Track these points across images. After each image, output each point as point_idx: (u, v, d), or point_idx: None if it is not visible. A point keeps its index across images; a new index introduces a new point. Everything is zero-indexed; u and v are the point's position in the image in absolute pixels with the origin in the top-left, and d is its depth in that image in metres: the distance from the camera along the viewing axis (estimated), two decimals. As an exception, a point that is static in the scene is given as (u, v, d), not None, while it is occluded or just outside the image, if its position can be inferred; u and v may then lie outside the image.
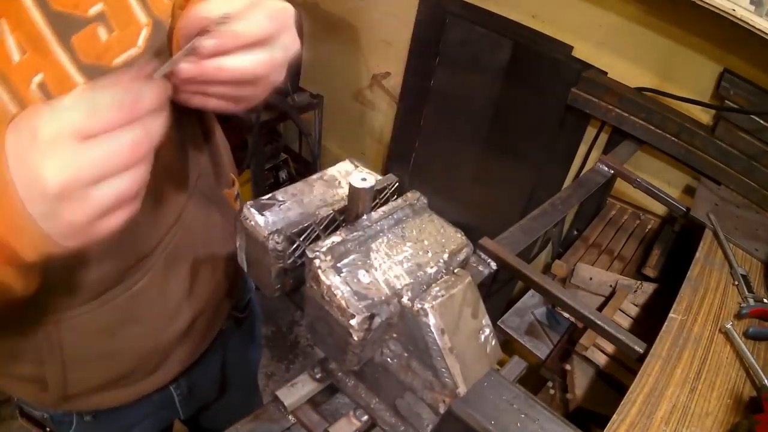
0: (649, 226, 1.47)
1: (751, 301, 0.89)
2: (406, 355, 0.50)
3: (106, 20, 0.46)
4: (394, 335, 0.49)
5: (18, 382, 0.67)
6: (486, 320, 0.51)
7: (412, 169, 2.04)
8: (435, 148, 1.95)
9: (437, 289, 0.46)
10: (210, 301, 0.75)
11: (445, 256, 0.49)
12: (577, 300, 0.88)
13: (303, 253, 0.52)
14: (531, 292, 1.29)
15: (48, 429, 0.77)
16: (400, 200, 0.53)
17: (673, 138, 1.30)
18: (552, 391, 1.08)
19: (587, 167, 1.60)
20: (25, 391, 0.69)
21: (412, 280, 0.46)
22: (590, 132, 1.56)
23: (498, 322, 1.20)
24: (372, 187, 0.49)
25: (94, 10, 0.45)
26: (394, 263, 0.47)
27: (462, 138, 1.84)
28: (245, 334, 0.96)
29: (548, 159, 1.65)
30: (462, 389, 0.48)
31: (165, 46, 0.52)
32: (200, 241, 0.69)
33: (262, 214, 0.50)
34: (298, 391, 0.64)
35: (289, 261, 0.52)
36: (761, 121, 1.17)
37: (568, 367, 1.05)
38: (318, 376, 0.64)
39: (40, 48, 0.42)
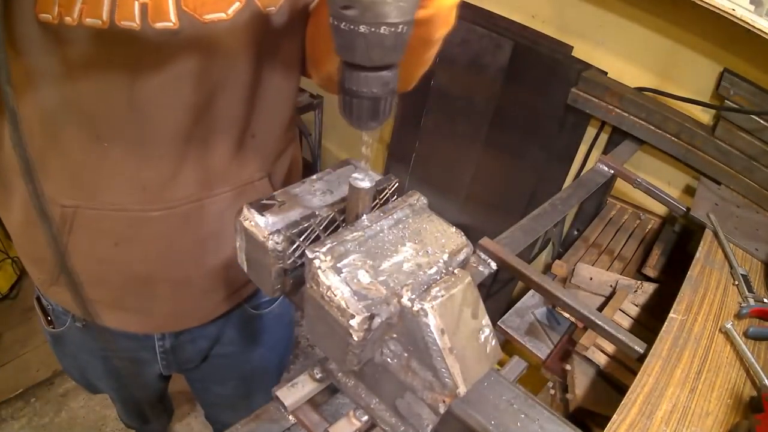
0: (649, 226, 1.47)
1: (751, 301, 0.89)
2: (406, 355, 0.50)
3: None
4: (394, 335, 0.49)
5: (30, 263, 0.77)
6: (486, 320, 0.50)
7: (412, 169, 2.04)
8: (435, 148, 1.95)
9: (437, 289, 0.46)
10: (222, 273, 0.77)
11: (445, 256, 0.49)
12: (577, 300, 0.88)
13: (303, 254, 0.52)
14: (531, 292, 1.29)
15: (50, 318, 0.87)
16: (399, 200, 0.53)
17: (673, 138, 1.30)
18: (552, 391, 1.08)
19: (587, 167, 1.60)
20: (32, 271, 0.78)
21: (412, 281, 0.46)
22: (590, 132, 1.56)
23: (498, 322, 1.20)
24: (372, 187, 0.48)
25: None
26: (394, 264, 0.47)
27: (462, 138, 1.84)
28: (250, 333, 0.97)
29: (548, 159, 1.65)
30: (462, 389, 0.48)
31: (251, 22, 0.58)
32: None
33: (262, 215, 0.50)
34: (298, 391, 0.64)
35: (289, 261, 0.52)
36: (761, 121, 1.17)
37: (568, 367, 1.05)
38: (318, 377, 0.64)
39: None
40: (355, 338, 0.43)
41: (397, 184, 0.59)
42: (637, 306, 1.13)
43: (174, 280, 0.74)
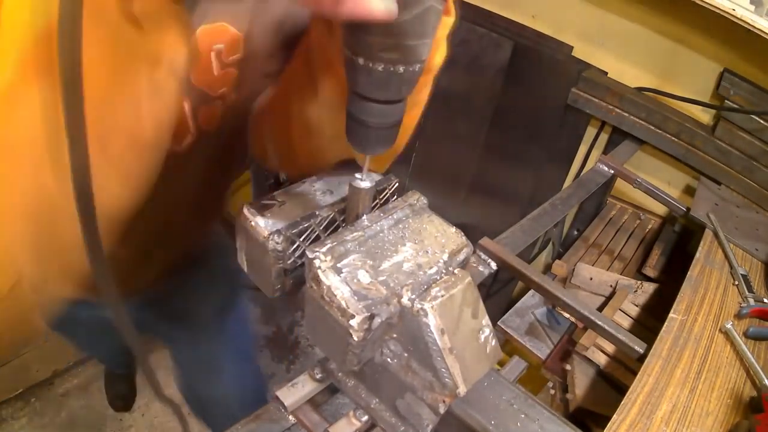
0: (649, 226, 1.47)
1: (751, 301, 0.89)
2: (406, 355, 0.50)
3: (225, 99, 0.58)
4: (394, 335, 0.49)
5: None
6: (486, 320, 0.50)
7: (412, 169, 2.04)
8: (435, 149, 1.95)
9: (437, 289, 0.46)
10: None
11: (445, 256, 0.49)
12: (578, 300, 0.88)
13: (303, 254, 0.52)
14: (531, 292, 1.29)
15: None
16: (399, 200, 0.53)
17: (673, 138, 1.30)
18: (552, 391, 1.08)
19: (587, 167, 1.60)
20: None
21: (412, 281, 0.46)
22: (590, 132, 1.56)
23: (498, 322, 1.20)
24: (372, 188, 0.49)
25: (220, 92, 0.58)
26: (394, 264, 0.47)
27: (462, 138, 1.84)
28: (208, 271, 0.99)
29: (548, 159, 1.65)
30: (462, 389, 0.48)
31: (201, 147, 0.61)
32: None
33: (262, 215, 0.50)
34: (298, 391, 0.64)
35: (289, 261, 0.52)
36: (761, 121, 1.17)
37: (568, 367, 1.05)
38: (318, 377, 0.64)
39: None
40: (355, 338, 0.43)
41: (397, 184, 0.59)
42: (637, 306, 1.13)
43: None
